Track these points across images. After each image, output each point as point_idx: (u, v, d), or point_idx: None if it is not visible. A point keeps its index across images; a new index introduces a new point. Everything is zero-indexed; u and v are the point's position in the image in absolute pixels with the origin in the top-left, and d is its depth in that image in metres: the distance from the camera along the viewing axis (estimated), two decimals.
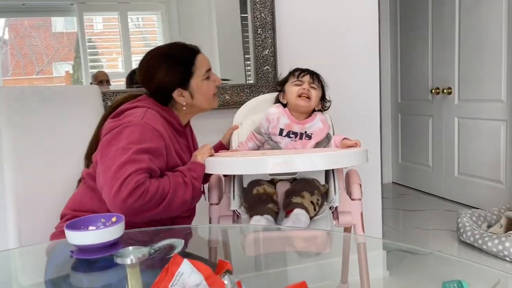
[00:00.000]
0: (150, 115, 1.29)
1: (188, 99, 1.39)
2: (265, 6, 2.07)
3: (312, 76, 1.58)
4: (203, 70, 1.39)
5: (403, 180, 4.25)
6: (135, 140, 1.21)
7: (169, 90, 1.36)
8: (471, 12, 3.23)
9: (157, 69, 1.35)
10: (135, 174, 1.16)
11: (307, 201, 1.34)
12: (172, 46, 1.41)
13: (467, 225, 2.65)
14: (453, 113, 3.51)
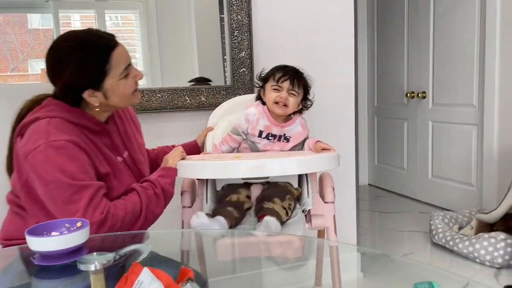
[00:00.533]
0: (53, 128, 1.12)
1: (101, 100, 1.21)
2: (242, 8, 2.07)
3: (292, 82, 1.50)
4: (120, 69, 1.20)
5: (379, 182, 4.31)
6: (58, 167, 1.08)
7: (78, 91, 1.18)
8: (445, 18, 3.30)
9: (65, 66, 1.15)
10: (92, 204, 1.08)
11: (278, 207, 1.34)
12: (83, 38, 1.17)
13: (439, 227, 2.70)
14: (427, 116, 3.57)
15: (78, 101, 1.21)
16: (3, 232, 1.24)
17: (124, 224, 1.14)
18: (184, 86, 2.06)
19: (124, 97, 1.24)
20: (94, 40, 1.18)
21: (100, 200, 1.12)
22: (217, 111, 1.76)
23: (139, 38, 2.24)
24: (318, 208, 1.47)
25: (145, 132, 1.99)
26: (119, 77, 1.20)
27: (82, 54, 1.15)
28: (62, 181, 1.08)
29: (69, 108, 1.19)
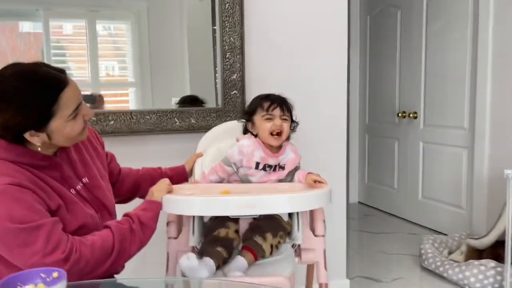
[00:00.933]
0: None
1: (45, 139, 1.11)
2: (234, 30, 2.04)
3: (282, 108, 1.50)
4: (70, 110, 1.10)
5: (369, 201, 4.29)
6: (4, 215, 1.00)
7: (18, 132, 1.08)
8: (437, 38, 3.31)
9: (6, 105, 1.05)
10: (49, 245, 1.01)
11: (267, 245, 1.31)
12: (30, 76, 1.08)
13: (429, 252, 2.67)
14: (418, 137, 3.57)
15: (20, 140, 1.11)
16: None
17: (90, 261, 1.07)
18: (173, 108, 2.02)
19: (70, 138, 1.15)
20: (42, 78, 1.09)
21: (60, 237, 1.05)
22: (207, 137, 1.72)
23: (129, 49, 2.20)
24: (308, 241, 1.44)
25: (132, 155, 1.95)
26: (67, 118, 1.11)
27: (28, 93, 1.06)
28: (11, 228, 1.00)
29: (8, 146, 1.10)
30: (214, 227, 1.37)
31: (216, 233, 1.34)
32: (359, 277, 2.63)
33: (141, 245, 1.19)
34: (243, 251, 1.31)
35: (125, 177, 1.53)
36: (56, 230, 1.05)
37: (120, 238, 1.13)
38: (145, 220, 1.20)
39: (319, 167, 2.18)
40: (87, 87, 2.10)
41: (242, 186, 1.47)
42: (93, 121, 1.87)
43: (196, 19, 2.22)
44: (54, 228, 1.05)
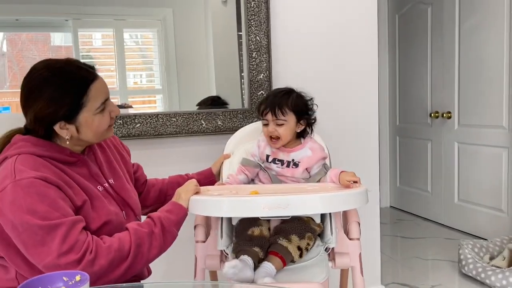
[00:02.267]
0: (20, 165, 1.05)
1: (73, 133, 1.13)
2: (260, 29, 2.00)
3: (274, 112, 1.43)
4: (98, 103, 1.13)
5: (401, 205, 4.15)
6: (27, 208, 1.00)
7: (49, 123, 1.10)
8: (471, 36, 3.18)
9: (38, 95, 1.08)
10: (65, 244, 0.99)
11: (293, 246, 1.25)
12: (62, 68, 1.11)
13: (469, 257, 2.54)
14: (452, 137, 3.43)
15: (50, 134, 1.13)
16: None
17: (105, 265, 1.03)
18: (199, 110, 1.98)
19: (98, 133, 1.16)
20: (73, 70, 1.12)
21: (77, 238, 1.02)
22: (234, 138, 1.68)
23: (157, 57, 2.21)
24: (342, 245, 1.36)
25: (159, 157, 1.93)
26: (95, 111, 1.13)
27: (59, 84, 1.09)
28: (31, 224, 0.99)
29: (38, 141, 1.12)
30: (247, 227, 1.31)
31: (250, 232, 1.28)
32: (395, 284, 2.52)
33: (160, 250, 1.14)
34: (269, 256, 1.25)
35: (150, 187, 1.52)
36: (74, 230, 1.03)
37: (137, 242, 1.09)
38: (167, 224, 1.16)
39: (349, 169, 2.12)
40: (116, 95, 2.12)
41: (271, 187, 1.42)
42: (120, 124, 1.85)
43: (220, 22, 2.20)
44: (72, 228, 1.03)
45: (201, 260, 1.37)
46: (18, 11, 1.98)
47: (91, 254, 1.02)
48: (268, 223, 1.35)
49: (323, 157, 1.48)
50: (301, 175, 1.47)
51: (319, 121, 1.74)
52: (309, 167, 1.47)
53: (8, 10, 1.96)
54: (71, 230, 1.02)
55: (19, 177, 1.02)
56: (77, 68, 1.13)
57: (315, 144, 1.51)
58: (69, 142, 1.14)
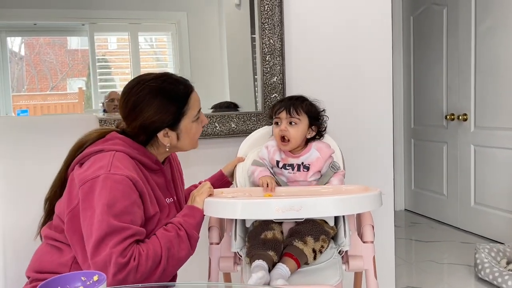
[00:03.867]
0: (117, 161, 1.12)
1: (174, 141, 1.23)
2: (274, 32, 2.00)
3: (288, 111, 1.45)
4: (196, 111, 1.25)
5: (416, 208, 4.11)
6: (108, 201, 1.06)
7: (155, 130, 1.20)
8: (487, 37, 3.14)
9: (147, 104, 1.17)
10: (119, 247, 1.03)
11: (308, 248, 1.25)
12: (165, 79, 1.22)
13: (486, 261, 2.50)
14: (469, 140, 3.39)
15: (148, 141, 1.23)
16: (36, 263, 1.19)
17: (145, 272, 1.06)
18: (214, 113, 2.00)
19: (193, 140, 1.28)
20: (175, 81, 1.23)
21: (131, 245, 1.07)
22: (247, 141, 1.68)
23: (171, 60, 2.23)
24: (356, 248, 1.36)
25: None
26: (193, 119, 1.24)
27: (165, 94, 1.19)
28: (105, 217, 1.05)
29: (133, 144, 1.20)
30: (259, 231, 1.31)
31: (263, 236, 1.29)
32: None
33: (188, 252, 1.17)
34: (284, 258, 1.26)
35: None
36: (132, 238, 1.07)
37: (167, 246, 1.12)
38: (188, 228, 1.18)
39: (364, 172, 2.11)
40: None
41: (285, 189, 1.42)
42: None
43: (234, 25, 2.21)
44: (132, 236, 1.07)
45: (215, 262, 1.38)
46: (36, 15, 2.03)
47: (135, 262, 1.05)
48: (280, 226, 1.36)
49: (330, 154, 1.50)
50: (313, 177, 1.47)
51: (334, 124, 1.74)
52: (319, 169, 1.47)
53: (27, 15, 2.01)
54: (130, 237, 1.06)
55: (113, 171, 1.09)
56: (179, 78, 1.25)
57: (320, 143, 1.51)
58: (168, 149, 1.23)
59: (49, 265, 1.15)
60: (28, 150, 1.37)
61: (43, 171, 1.37)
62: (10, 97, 2.04)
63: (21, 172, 1.34)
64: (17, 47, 2.08)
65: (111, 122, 1.84)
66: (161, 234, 1.14)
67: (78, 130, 1.44)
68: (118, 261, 1.02)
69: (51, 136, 1.42)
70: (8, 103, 2.03)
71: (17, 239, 1.29)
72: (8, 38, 2.01)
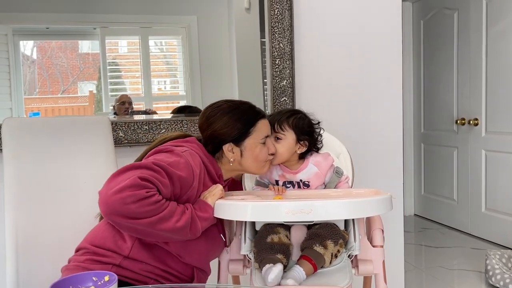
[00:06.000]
0: (191, 155, 1.27)
1: (237, 156, 1.36)
2: (284, 36, 2.01)
3: (273, 127, 1.44)
4: (262, 135, 1.37)
5: (426, 213, 4.07)
6: (167, 161, 1.19)
7: (221, 141, 1.35)
8: (499, 41, 3.11)
9: (218, 119, 1.34)
10: (143, 174, 1.10)
11: (328, 253, 1.24)
12: (242, 103, 1.40)
13: (497, 268, 2.47)
14: (480, 145, 3.35)
15: (216, 151, 1.36)
16: (96, 237, 1.22)
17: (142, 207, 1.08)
18: None
19: (256, 162, 1.36)
20: (249, 106, 1.39)
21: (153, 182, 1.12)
22: None
23: (181, 63, 2.24)
24: (365, 252, 1.35)
25: None
26: (259, 141, 1.36)
27: (237, 112, 1.35)
28: (157, 161, 1.17)
29: (206, 153, 1.35)
30: (265, 234, 1.31)
31: (270, 240, 1.28)
32: None
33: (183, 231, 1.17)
34: (301, 260, 1.24)
35: None
36: (160, 185, 1.13)
37: (171, 210, 1.14)
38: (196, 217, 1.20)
39: (373, 176, 2.10)
40: (141, 101, 2.16)
41: (295, 192, 1.42)
42: (145, 129, 1.89)
43: (244, 29, 2.22)
44: (161, 183, 1.13)
45: (225, 265, 1.38)
46: (48, 20, 2.05)
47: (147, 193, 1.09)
48: (286, 230, 1.35)
49: (330, 165, 1.47)
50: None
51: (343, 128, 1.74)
52: (320, 183, 1.46)
53: (39, 19, 2.04)
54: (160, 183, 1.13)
55: (185, 156, 1.24)
56: (250, 106, 1.39)
57: (318, 156, 1.48)
58: (231, 164, 1.35)
59: (111, 244, 1.20)
60: (43, 151, 1.38)
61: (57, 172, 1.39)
62: (22, 100, 2.07)
63: (35, 173, 1.35)
64: (30, 51, 2.11)
65: (122, 124, 1.86)
66: (173, 202, 1.18)
67: (91, 132, 1.47)
68: (136, 180, 1.07)
69: (65, 137, 1.43)
70: (20, 105, 2.05)
71: (31, 239, 1.30)
72: (20, 42, 2.04)
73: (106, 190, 1.07)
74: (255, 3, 2.09)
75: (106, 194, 1.06)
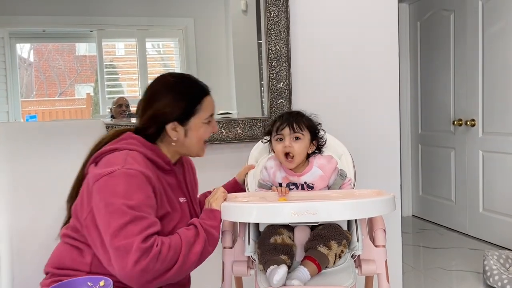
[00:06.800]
0: (131, 159, 1.15)
1: (181, 136, 1.26)
2: (280, 38, 2.00)
3: (291, 126, 1.42)
4: (207, 114, 1.28)
5: (424, 214, 4.08)
6: (125, 194, 1.08)
7: (164, 121, 1.24)
8: (495, 42, 3.13)
9: (161, 96, 1.24)
10: (142, 234, 1.04)
11: (332, 254, 1.24)
12: (184, 78, 1.30)
13: (494, 268, 2.47)
14: (477, 146, 3.37)
15: (157, 135, 1.26)
16: (56, 259, 1.20)
17: (165, 261, 1.06)
18: (220, 118, 2.00)
19: (199, 143, 1.29)
20: (194, 81, 1.30)
21: (154, 233, 1.08)
22: (257, 147, 1.67)
23: (178, 66, 2.24)
24: (368, 252, 1.35)
25: None
26: (204, 120, 1.28)
27: (180, 89, 1.25)
28: (125, 206, 1.07)
29: (146, 143, 1.24)
30: (268, 236, 1.31)
31: (273, 241, 1.28)
32: None
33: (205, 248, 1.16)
34: (305, 261, 1.24)
35: None
36: (154, 228, 1.09)
37: (187, 240, 1.13)
38: (209, 228, 1.19)
39: (371, 178, 2.10)
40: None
41: (298, 194, 1.42)
42: None
43: (241, 31, 2.22)
44: (154, 225, 1.09)
45: (229, 266, 1.37)
46: (45, 22, 2.04)
47: (157, 247, 1.06)
48: (288, 232, 1.35)
49: (334, 168, 1.47)
50: None
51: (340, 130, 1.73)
52: (324, 185, 1.46)
53: (36, 22, 2.03)
54: (152, 226, 1.08)
55: (128, 166, 1.12)
56: (196, 81, 1.30)
57: (321, 158, 1.49)
58: (174, 144, 1.26)
59: (69, 263, 1.17)
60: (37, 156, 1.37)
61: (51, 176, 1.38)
62: (19, 102, 2.06)
63: (29, 177, 1.34)
64: (26, 53, 2.10)
65: (119, 127, 1.85)
66: (181, 231, 1.16)
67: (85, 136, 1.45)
68: (141, 246, 1.03)
69: (59, 141, 1.42)
70: (17, 108, 2.04)
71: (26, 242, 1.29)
72: (17, 45, 2.03)
73: (122, 266, 1.02)
74: (252, 5, 2.10)
75: (125, 271, 1.01)
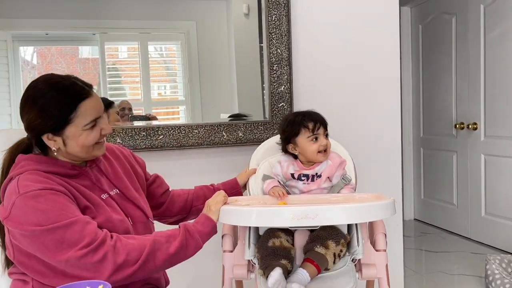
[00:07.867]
0: (22, 182, 1.09)
1: (60, 145, 1.16)
2: (282, 41, 2.01)
3: (325, 125, 1.52)
4: (87, 120, 1.16)
5: (426, 217, 4.07)
6: (39, 220, 1.04)
7: (38, 133, 1.15)
8: (497, 46, 3.13)
9: (29, 108, 1.14)
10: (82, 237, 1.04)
11: (330, 253, 1.25)
12: (56, 83, 1.16)
13: (496, 273, 2.46)
14: (479, 149, 3.36)
15: (42, 146, 1.18)
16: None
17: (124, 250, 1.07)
18: (221, 122, 2.00)
19: (84, 148, 1.18)
20: (66, 86, 1.16)
21: (96, 231, 1.07)
22: (259, 150, 1.68)
23: (180, 69, 2.24)
24: (369, 256, 1.35)
25: (182, 168, 1.95)
26: (84, 127, 1.16)
27: (51, 97, 1.13)
28: (48, 227, 1.04)
29: (40, 159, 1.17)
30: (266, 239, 1.31)
31: (271, 244, 1.29)
32: None
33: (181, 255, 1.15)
34: (304, 263, 1.26)
35: (176, 197, 1.54)
36: (91, 225, 1.08)
37: (156, 240, 1.12)
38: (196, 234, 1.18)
39: (373, 181, 2.10)
40: (140, 107, 2.16)
41: (298, 197, 1.43)
42: (143, 135, 1.88)
43: (243, 34, 2.22)
44: (89, 223, 1.07)
45: (229, 270, 1.38)
46: (48, 25, 2.05)
47: (112, 241, 1.06)
48: (287, 235, 1.35)
49: (341, 162, 1.52)
50: (325, 184, 1.49)
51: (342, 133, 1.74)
52: (330, 176, 1.49)
53: (39, 25, 2.04)
54: (87, 224, 1.07)
55: (24, 190, 1.06)
56: (71, 84, 1.16)
57: (331, 153, 1.54)
58: (56, 153, 1.18)
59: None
60: None
61: None
62: None
63: None
64: (30, 56, 2.11)
65: (119, 131, 1.85)
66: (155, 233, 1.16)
67: None
68: (89, 248, 1.03)
69: None
70: None
71: None
72: (20, 48, 2.04)
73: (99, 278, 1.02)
74: (254, 9, 2.10)
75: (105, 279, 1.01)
